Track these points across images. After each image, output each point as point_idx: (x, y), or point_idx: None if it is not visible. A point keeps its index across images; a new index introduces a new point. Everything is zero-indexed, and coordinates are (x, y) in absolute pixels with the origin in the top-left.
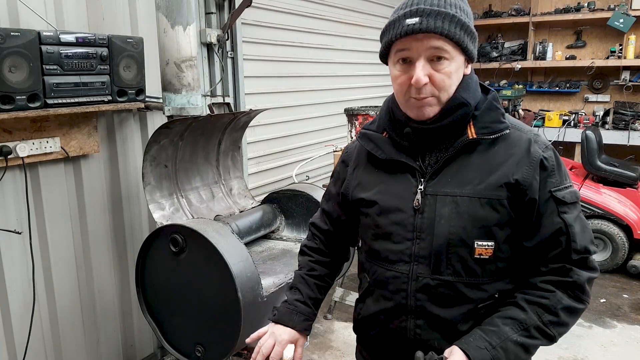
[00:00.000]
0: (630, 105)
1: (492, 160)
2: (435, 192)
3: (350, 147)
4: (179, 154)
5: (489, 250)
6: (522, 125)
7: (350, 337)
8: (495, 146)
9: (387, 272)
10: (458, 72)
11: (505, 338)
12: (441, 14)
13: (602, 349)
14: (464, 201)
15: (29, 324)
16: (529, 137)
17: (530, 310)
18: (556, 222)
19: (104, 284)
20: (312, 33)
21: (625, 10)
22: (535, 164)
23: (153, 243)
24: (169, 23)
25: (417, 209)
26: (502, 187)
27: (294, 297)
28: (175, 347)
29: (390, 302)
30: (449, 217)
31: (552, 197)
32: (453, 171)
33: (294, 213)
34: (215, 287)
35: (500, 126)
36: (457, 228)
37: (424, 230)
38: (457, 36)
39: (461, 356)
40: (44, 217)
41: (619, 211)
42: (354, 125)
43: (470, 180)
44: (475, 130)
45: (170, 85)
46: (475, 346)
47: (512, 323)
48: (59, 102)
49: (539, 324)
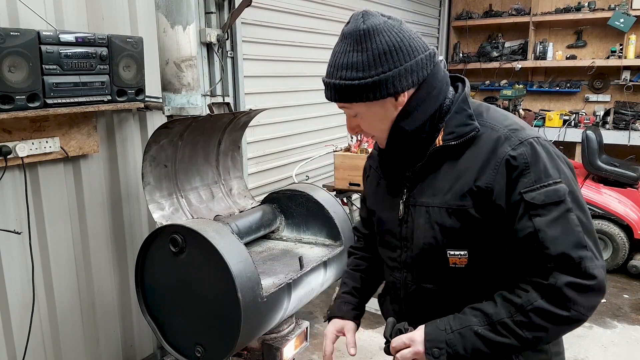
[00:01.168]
0: (630, 105)
1: (459, 166)
2: (415, 203)
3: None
4: (179, 154)
5: (462, 259)
6: (499, 122)
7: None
8: (465, 151)
9: (389, 277)
10: (377, 114)
11: (466, 325)
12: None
13: (602, 349)
14: (435, 211)
15: (28, 324)
16: (498, 136)
17: (501, 306)
18: (526, 226)
19: (104, 284)
20: (312, 33)
21: (625, 10)
22: (500, 165)
23: (153, 243)
24: (169, 23)
25: (401, 219)
26: (465, 196)
27: (341, 291)
28: (175, 348)
29: (396, 305)
30: (423, 227)
31: (522, 199)
32: (429, 181)
33: (294, 213)
34: (215, 287)
35: (466, 129)
36: (429, 238)
37: (408, 239)
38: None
39: (420, 332)
40: (43, 218)
41: (619, 211)
42: None
43: (440, 189)
44: (442, 137)
45: (170, 85)
46: (435, 326)
47: (479, 315)
48: (58, 102)
49: (507, 321)
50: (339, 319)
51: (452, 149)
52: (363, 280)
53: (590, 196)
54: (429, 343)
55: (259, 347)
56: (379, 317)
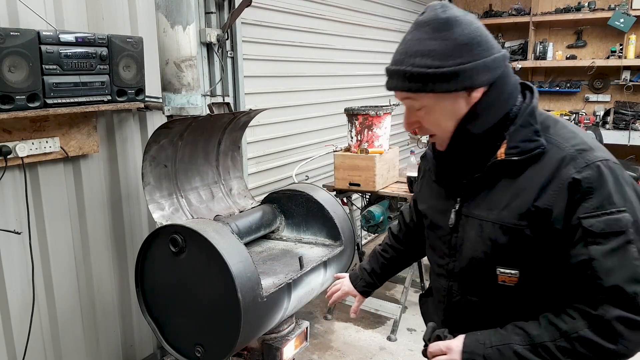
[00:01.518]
0: (630, 105)
1: (519, 183)
2: (468, 214)
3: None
4: (179, 154)
5: (512, 278)
6: (566, 140)
7: (350, 337)
8: (528, 167)
9: (435, 282)
10: (443, 110)
11: (507, 343)
12: (396, 73)
13: None
14: (488, 226)
15: (28, 324)
16: (563, 155)
17: (545, 329)
18: (581, 253)
19: (104, 284)
20: (312, 33)
21: (625, 10)
22: (562, 187)
23: (153, 243)
24: (169, 23)
25: (452, 228)
26: (523, 215)
27: (364, 265)
28: (175, 348)
29: (437, 309)
30: (474, 240)
31: (580, 224)
32: (485, 193)
33: (294, 213)
34: (215, 288)
35: (531, 145)
36: (479, 252)
37: (457, 249)
38: (413, 88)
39: (459, 341)
40: (43, 218)
41: None
42: (354, 125)
43: (497, 204)
44: (505, 150)
45: (170, 85)
46: (475, 338)
47: (522, 334)
48: (58, 102)
49: (550, 345)
50: (352, 285)
51: (514, 164)
52: (383, 267)
53: None
54: (466, 354)
55: (259, 347)
56: (378, 317)
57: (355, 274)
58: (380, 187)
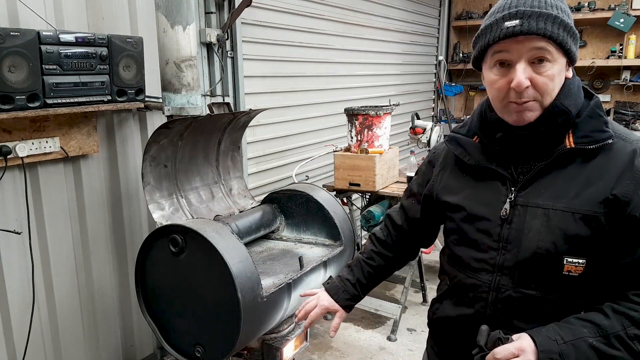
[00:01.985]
0: (630, 105)
1: (590, 172)
2: (526, 203)
3: (439, 148)
4: (179, 154)
5: (579, 267)
6: (629, 134)
7: (350, 337)
8: (596, 157)
9: (468, 279)
10: (560, 75)
11: (579, 337)
12: (543, 15)
13: None
14: (557, 215)
15: (28, 324)
16: (633, 148)
17: (614, 318)
18: None
19: (104, 284)
20: (312, 33)
21: (625, 10)
22: (639, 177)
23: (153, 243)
24: (169, 23)
25: (504, 219)
26: (600, 203)
27: (346, 275)
28: (175, 348)
29: (469, 309)
30: (538, 230)
31: None
32: (547, 182)
33: (294, 213)
34: (215, 287)
35: (603, 135)
36: (546, 242)
37: (511, 241)
38: (560, 37)
39: (528, 341)
40: (43, 217)
41: None
42: (354, 125)
43: (566, 193)
44: (574, 139)
45: (170, 85)
46: (545, 335)
47: (591, 326)
48: (58, 102)
49: (622, 334)
50: (332, 300)
51: (583, 153)
52: (370, 276)
53: None
54: (542, 354)
55: (259, 347)
56: (378, 317)
57: (334, 287)
58: (380, 187)
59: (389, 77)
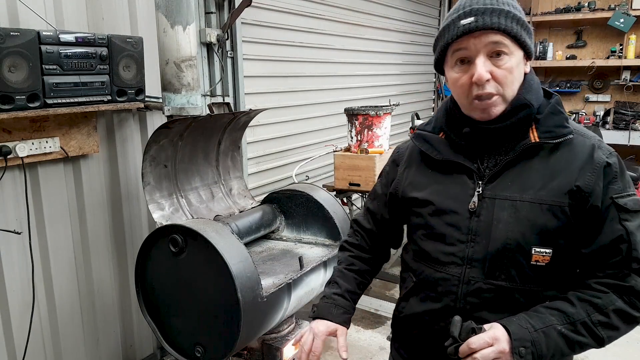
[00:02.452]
0: (630, 105)
1: (554, 165)
2: (494, 196)
3: (402, 147)
4: (179, 154)
5: (546, 257)
6: (585, 131)
7: (351, 337)
8: (558, 151)
9: (436, 273)
10: (519, 67)
11: (549, 325)
12: (496, 11)
13: (602, 349)
14: (524, 206)
15: (28, 324)
16: (592, 143)
17: (579, 306)
18: (617, 229)
19: (104, 284)
20: (312, 33)
21: (625, 10)
22: (599, 170)
23: (153, 243)
24: (169, 23)
25: (473, 212)
26: (565, 194)
27: (332, 291)
28: (175, 348)
29: (437, 303)
30: (507, 221)
31: (613, 203)
32: (513, 175)
33: (294, 213)
34: (215, 288)
35: (564, 131)
36: (515, 233)
37: (480, 233)
38: (514, 30)
39: (502, 330)
40: (43, 218)
41: None
42: (354, 125)
43: (532, 185)
44: (538, 134)
45: (170, 85)
46: (517, 324)
47: (558, 314)
48: (58, 102)
49: (587, 321)
50: (327, 321)
51: (547, 148)
52: (357, 282)
53: None
54: (516, 342)
55: (259, 347)
56: (378, 317)
57: (324, 308)
58: None
59: (389, 77)
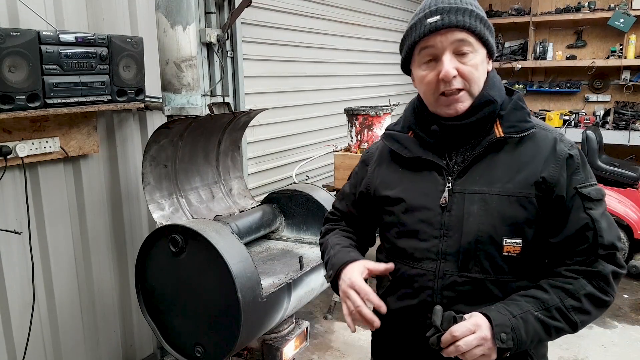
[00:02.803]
0: (630, 105)
1: (519, 158)
2: (464, 190)
3: (372, 148)
4: (179, 154)
5: (517, 247)
6: (547, 125)
7: (351, 337)
8: (522, 145)
9: (411, 269)
10: (483, 65)
11: (526, 311)
12: (460, 10)
13: (602, 349)
14: (493, 199)
15: (28, 324)
16: (554, 136)
17: (552, 292)
18: (582, 217)
19: (104, 284)
20: (312, 33)
21: (625, 10)
22: (562, 161)
23: (153, 243)
24: (169, 23)
25: (444, 207)
26: (531, 186)
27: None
28: (175, 348)
29: (414, 299)
30: (477, 214)
31: (577, 193)
32: (481, 169)
33: (294, 213)
34: (215, 287)
35: (527, 125)
36: (486, 225)
37: (452, 227)
38: (478, 29)
39: (482, 318)
40: (43, 217)
41: (619, 211)
42: (354, 125)
43: (499, 178)
44: (502, 129)
45: (170, 85)
46: (496, 312)
47: (533, 301)
48: (58, 102)
49: (561, 306)
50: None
51: (511, 142)
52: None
53: None
54: (497, 328)
55: (259, 347)
56: None
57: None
58: None
59: (389, 77)
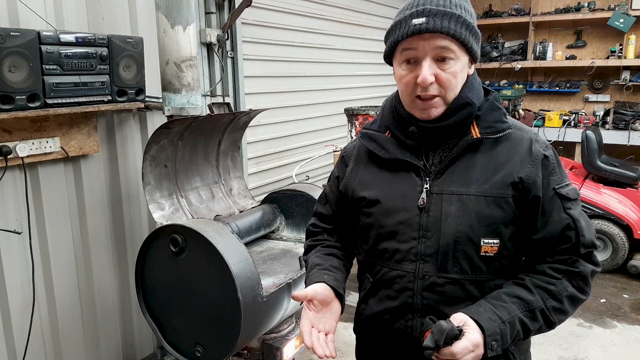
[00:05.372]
0: (630, 105)
1: (496, 159)
2: (441, 191)
3: (349, 147)
4: (179, 154)
5: (494, 247)
6: (522, 126)
7: (351, 337)
8: (499, 145)
9: (391, 271)
10: (463, 72)
11: (514, 315)
12: (447, 14)
13: (602, 349)
14: (471, 199)
15: (28, 324)
16: (530, 137)
17: (536, 292)
18: (564, 218)
19: (104, 284)
20: (312, 33)
21: (625, 10)
22: (538, 162)
23: (153, 243)
24: (169, 23)
25: (422, 208)
26: (508, 186)
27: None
28: (175, 347)
29: (395, 301)
30: (455, 215)
31: (556, 194)
32: (458, 170)
33: (294, 213)
34: (215, 287)
35: (503, 126)
36: (464, 226)
37: (430, 228)
38: (462, 36)
39: (479, 333)
40: (43, 217)
41: (619, 211)
42: (354, 125)
43: (476, 179)
44: (479, 130)
45: (170, 85)
46: (487, 318)
47: (518, 302)
48: (58, 102)
49: (544, 307)
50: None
51: (488, 143)
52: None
53: (590, 196)
54: (489, 337)
55: (259, 347)
56: None
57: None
58: None
59: (389, 77)
